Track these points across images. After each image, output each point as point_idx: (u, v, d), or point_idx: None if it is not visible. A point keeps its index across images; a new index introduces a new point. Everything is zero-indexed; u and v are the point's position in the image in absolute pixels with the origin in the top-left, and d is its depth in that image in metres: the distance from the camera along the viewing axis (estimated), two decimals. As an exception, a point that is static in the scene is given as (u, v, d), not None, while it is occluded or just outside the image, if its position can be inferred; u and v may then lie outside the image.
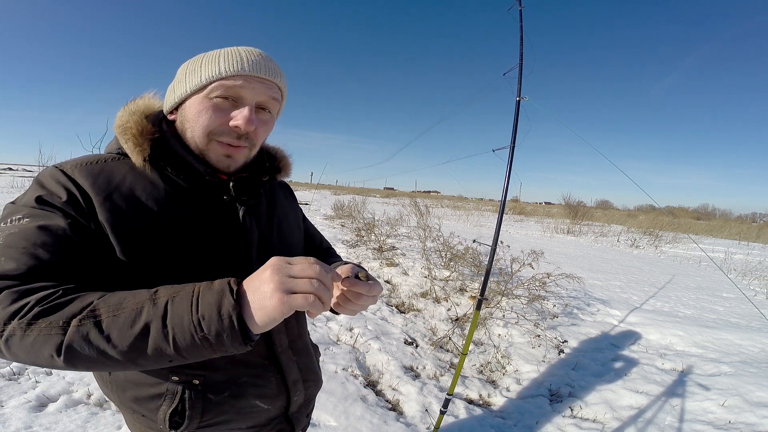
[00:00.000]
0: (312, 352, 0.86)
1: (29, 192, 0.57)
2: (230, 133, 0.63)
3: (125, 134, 0.62)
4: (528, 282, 3.66)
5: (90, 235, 0.54)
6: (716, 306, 4.78)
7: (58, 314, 0.44)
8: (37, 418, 1.71)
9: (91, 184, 0.57)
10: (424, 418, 2.03)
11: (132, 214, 0.58)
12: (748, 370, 2.68)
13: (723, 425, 2.08)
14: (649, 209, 25.37)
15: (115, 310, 0.45)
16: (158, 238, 0.58)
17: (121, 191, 0.59)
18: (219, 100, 0.61)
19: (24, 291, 0.45)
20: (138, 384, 0.64)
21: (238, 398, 0.66)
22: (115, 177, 0.60)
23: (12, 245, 0.49)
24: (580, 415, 2.21)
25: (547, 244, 9.76)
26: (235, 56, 0.61)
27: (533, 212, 24.61)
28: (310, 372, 0.82)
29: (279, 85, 0.66)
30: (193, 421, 0.63)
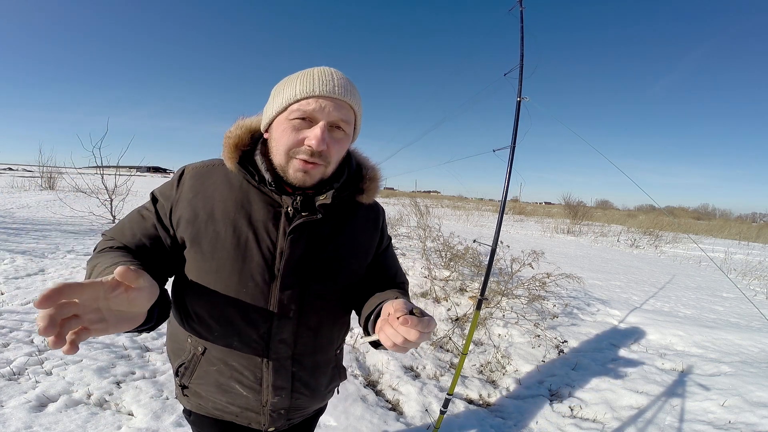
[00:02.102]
0: (323, 372, 0.86)
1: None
2: (306, 151, 0.68)
3: (224, 144, 0.75)
4: (528, 282, 3.66)
5: (165, 222, 0.75)
6: (716, 306, 4.78)
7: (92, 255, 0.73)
8: (37, 418, 1.71)
9: (191, 185, 0.76)
10: (424, 418, 2.03)
11: (197, 212, 0.73)
12: (748, 370, 2.68)
13: (723, 425, 2.08)
14: (649, 209, 25.38)
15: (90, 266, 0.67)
16: (213, 233, 0.72)
17: (206, 190, 0.75)
18: (297, 121, 0.68)
19: (106, 240, 0.76)
20: (174, 339, 0.84)
21: (222, 375, 0.78)
22: (210, 178, 0.77)
23: (124, 220, 0.79)
24: (580, 415, 2.21)
25: (547, 244, 9.76)
26: (309, 79, 0.68)
27: (533, 212, 24.61)
28: (306, 387, 0.82)
29: (351, 104, 0.70)
30: (185, 376, 0.81)
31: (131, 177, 8.93)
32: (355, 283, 0.84)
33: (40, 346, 2.32)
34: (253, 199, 0.74)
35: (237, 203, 0.74)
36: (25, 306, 2.89)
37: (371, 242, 0.86)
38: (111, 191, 7.03)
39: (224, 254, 0.72)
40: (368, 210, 0.86)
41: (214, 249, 0.72)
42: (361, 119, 0.76)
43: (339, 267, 0.79)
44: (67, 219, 6.87)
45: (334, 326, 0.84)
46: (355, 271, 0.83)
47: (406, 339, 0.56)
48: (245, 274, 0.72)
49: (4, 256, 4.09)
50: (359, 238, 0.83)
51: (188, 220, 0.73)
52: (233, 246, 0.72)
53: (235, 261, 0.72)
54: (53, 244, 4.87)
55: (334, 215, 0.79)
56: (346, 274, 0.81)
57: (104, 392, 1.95)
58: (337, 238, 0.78)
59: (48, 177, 13.96)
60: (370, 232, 0.86)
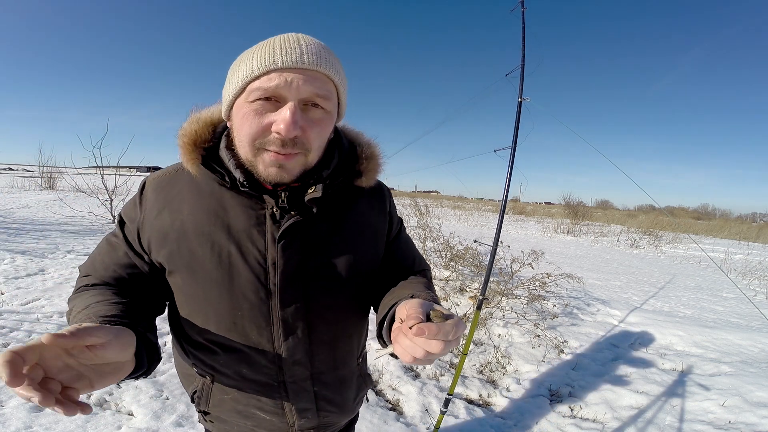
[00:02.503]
0: (348, 385, 0.77)
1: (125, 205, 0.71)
2: (275, 141, 0.54)
3: (179, 143, 0.62)
4: (528, 282, 3.66)
5: (136, 248, 0.66)
6: (716, 306, 4.78)
7: (71, 295, 0.64)
8: (37, 418, 1.71)
9: (155, 199, 0.65)
10: (424, 418, 2.03)
11: (171, 225, 0.62)
12: (748, 370, 2.68)
13: (723, 425, 2.08)
14: (649, 209, 25.38)
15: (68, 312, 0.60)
16: (189, 254, 0.61)
17: (172, 203, 0.64)
18: (258, 103, 0.54)
19: (81, 277, 0.68)
20: (180, 364, 0.77)
21: (239, 403, 0.71)
22: (174, 188, 0.65)
23: (95, 251, 0.70)
24: (580, 415, 2.21)
25: (547, 244, 9.76)
26: (269, 49, 0.53)
27: (533, 212, 24.61)
28: (332, 404, 0.74)
29: (327, 74, 0.55)
30: (201, 404, 0.73)
31: (131, 177, 8.92)
32: (369, 282, 0.72)
33: (40, 346, 2.32)
34: (228, 205, 0.62)
35: (210, 213, 0.61)
36: (25, 306, 2.89)
37: (380, 231, 0.73)
38: (111, 191, 7.03)
39: (206, 276, 0.61)
40: (371, 194, 0.73)
41: (193, 272, 0.61)
42: (345, 92, 0.61)
43: (347, 269, 0.66)
44: (67, 219, 6.87)
45: (352, 336, 0.74)
46: (366, 269, 0.70)
47: (427, 352, 0.45)
48: (236, 295, 0.61)
49: (4, 256, 4.09)
50: (365, 229, 0.70)
51: (158, 242, 0.62)
52: (215, 265, 0.60)
53: (221, 282, 0.61)
54: (53, 244, 4.87)
55: (332, 208, 0.66)
56: (356, 275, 0.68)
57: (104, 392, 1.95)
58: (339, 235, 0.66)
59: (48, 177, 13.96)
60: (378, 219, 0.73)
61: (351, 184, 0.69)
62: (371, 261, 0.71)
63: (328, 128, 0.59)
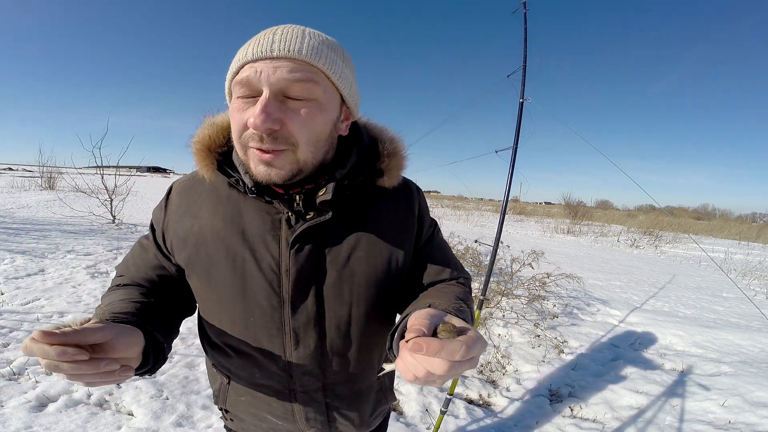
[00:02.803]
0: (364, 399, 0.72)
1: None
2: (253, 137, 0.51)
3: (192, 150, 0.62)
4: (528, 282, 3.66)
5: (163, 250, 0.67)
6: (716, 306, 4.78)
7: (102, 296, 0.66)
8: (37, 418, 1.71)
9: (178, 203, 0.66)
10: (424, 418, 2.03)
11: (187, 237, 0.63)
12: (748, 370, 2.68)
13: (723, 425, 2.08)
14: (649, 209, 25.38)
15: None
16: (206, 259, 0.62)
17: (192, 208, 0.64)
18: (241, 100, 0.52)
19: (116, 277, 0.70)
20: (207, 361, 0.78)
21: (252, 406, 0.71)
22: (195, 193, 0.66)
23: (128, 253, 0.72)
24: (580, 415, 2.21)
25: (547, 244, 9.76)
26: (248, 43, 0.52)
27: (533, 212, 24.61)
28: (344, 418, 0.71)
29: (307, 60, 0.50)
30: (219, 401, 0.76)
31: (131, 177, 8.93)
32: (395, 293, 0.66)
33: (40, 346, 2.32)
34: (245, 210, 0.61)
35: (227, 218, 0.61)
36: (25, 306, 2.89)
37: (407, 235, 0.66)
38: (111, 191, 7.03)
39: (221, 281, 0.61)
40: (396, 195, 0.67)
41: (210, 276, 0.61)
42: (347, 80, 0.56)
43: (366, 277, 0.62)
44: (67, 219, 6.87)
45: (372, 349, 0.67)
46: (388, 277, 0.64)
47: (429, 372, 0.39)
48: (249, 301, 0.60)
49: (4, 256, 4.09)
50: (388, 233, 0.64)
51: (178, 245, 0.63)
52: (229, 270, 0.60)
53: (234, 287, 0.60)
54: (53, 244, 4.87)
55: (350, 211, 0.62)
56: (376, 284, 0.63)
57: (104, 392, 1.95)
58: (358, 241, 0.62)
59: (48, 177, 13.96)
60: (403, 221, 0.66)
61: (373, 184, 0.64)
62: (395, 268, 0.65)
63: (315, 119, 0.53)
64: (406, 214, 0.67)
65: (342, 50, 0.57)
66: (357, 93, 0.60)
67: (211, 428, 1.78)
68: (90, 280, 3.61)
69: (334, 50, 0.54)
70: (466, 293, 0.66)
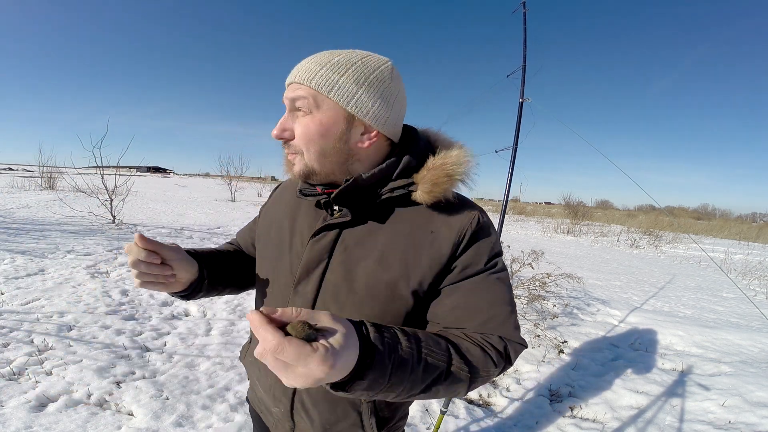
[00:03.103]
0: (330, 408, 0.68)
1: None
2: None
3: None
4: (528, 282, 3.66)
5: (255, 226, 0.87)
6: (716, 306, 4.78)
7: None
8: (37, 418, 1.71)
9: (276, 195, 0.84)
10: (424, 418, 2.03)
11: (267, 218, 0.81)
12: (748, 370, 2.68)
13: (723, 425, 2.08)
14: (649, 209, 25.38)
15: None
16: (266, 235, 0.78)
17: (282, 199, 0.80)
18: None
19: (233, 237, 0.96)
20: None
21: (254, 366, 0.80)
22: (288, 189, 0.80)
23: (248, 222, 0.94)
24: (580, 415, 2.21)
25: (547, 244, 9.76)
26: None
27: (533, 212, 24.62)
28: (306, 413, 0.70)
29: (299, 82, 0.59)
30: (241, 355, 0.89)
31: (131, 177, 8.92)
32: (395, 319, 0.62)
33: (40, 346, 2.32)
34: (303, 205, 0.73)
35: (290, 208, 0.75)
36: (25, 306, 2.89)
37: (428, 261, 0.60)
38: (111, 191, 7.03)
39: (266, 255, 0.76)
40: (436, 214, 0.62)
41: (263, 250, 0.77)
42: (349, 95, 0.59)
43: (365, 287, 0.61)
44: (67, 219, 6.87)
45: None
46: (389, 298, 0.61)
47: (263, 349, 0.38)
48: (274, 277, 0.72)
49: (4, 256, 4.09)
50: (407, 252, 0.60)
51: (261, 224, 0.82)
52: (274, 247, 0.73)
53: (271, 262, 0.73)
54: (53, 244, 4.87)
55: (375, 218, 0.63)
56: (373, 299, 0.61)
57: (104, 392, 1.95)
58: (371, 250, 0.61)
59: (48, 177, 13.96)
60: (431, 245, 0.60)
61: (409, 197, 0.63)
62: (399, 292, 0.60)
63: (309, 130, 0.60)
64: (443, 237, 0.61)
65: (354, 69, 0.59)
66: (380, 109, 0.61)
67: (211, 428, 1.78)
68: (90, 280, 3.61)
69: (337, 70, 0.58)
70: (481, 356, 0.56)
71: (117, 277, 3.85)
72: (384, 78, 0.61)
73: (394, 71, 0.63)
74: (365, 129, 0.61)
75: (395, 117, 0.63)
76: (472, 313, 0.60)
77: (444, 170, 0.61)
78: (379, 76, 0.60)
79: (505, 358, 0.59)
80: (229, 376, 2.22)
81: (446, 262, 0.60)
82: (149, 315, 2.99)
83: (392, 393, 0.48)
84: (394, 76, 0.62)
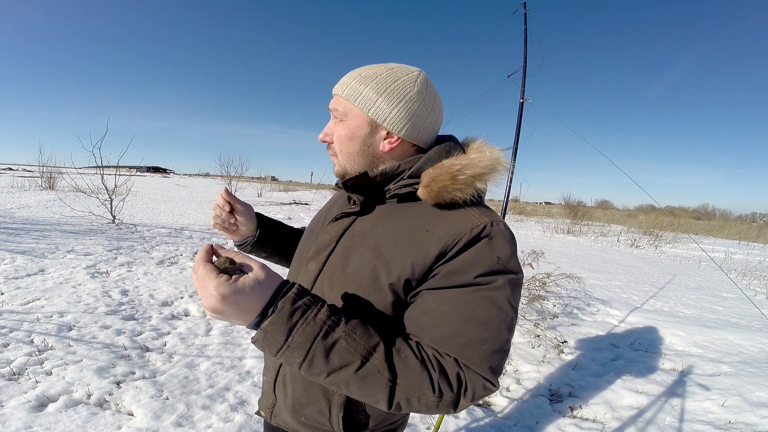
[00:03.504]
0: (306, 389, 0.69)
1: None
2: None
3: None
4: (528, 282, 3.66)
5: None
6: (716, 306, 4.78)
7: None
8: (37, 418, 1.71)
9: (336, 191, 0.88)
10: (424, 418, 2.03)
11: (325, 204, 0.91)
12: (748, 370, 2.68)
13: (723, 425, 2.08)
14: (649, 209, 25.37)
15: None
16: (311, 221, 0.88)
17: (335, 194, 0.89)
18: None
19: None
20: None
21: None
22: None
23: None
24: (580, 415, 2.21)
25: (547, 244, 9.76)
26: None
27: (533, 212, 24.61)
28: (283, 389, 0.73)
29: (337, 93, 0.70)
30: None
31: (131, 177, 8.92)
32: (375, 310, 0.61)
33: (40, 346, 2.32)
34: (340, 198, 0.82)
35: (333, 201, 0.86)
36: (25, 306, 2.89)
37: (414, 257, 0.58)
38: (111, 191, 7.03)
39: (306, 232, 0.87)
40: (436, 215, 0.61)
41: (305, 233, 0.87)
42: (371, 104, 0.64)
43: (353, 272, 0.63)
44: (67, 219, 6.87)
45: None
46: (369, 287, 0.61)
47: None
48: (300, 253, 0.81)
49: (4, 256, 4.09)
50: (397, 246, 0.60)
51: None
52: (309, 230, 0.84)
53: (303, 242, 0.84)
54: (53, 244, 4.87)
55: (381, 212, 0.69)
56: (357, 284, 0.62)
57: (104, 392, 1.95)
58: (368, 239, 0.65)
59: (48, 177, 13.96)
60: (422, 243, 0.58)
61: (414, 194, 0.64)
62: (377, 280, 0.60)
63: (341, 135, 0.69)
64: (432, 238, 0.58)
65: (377, 80, 0.65)
66: (400, 115, 0.64)
67: (211, 428, 1.78)
68: (90, 280, 3.61)
69: (363, 82, 0.66)
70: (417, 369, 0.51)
71: (117, 277, 3.85)
72: (406, 87, 0.65)
73: (419, 80, 0.66)
74: (387, 134, 0.67)
75: (420, 123, 0.66)
76: (437, 324, 0.54)
77: (447, 169, 0.61)
78: (401, 86, 0.65)
79: (455, 388, 0.51)
80: (229, 376, 2.22)
81: (431, 264, 0.57)
82: (149, 315, 2.99)
83: (294, 359, 0.49)
84: (419, 84, 0.65)
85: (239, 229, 0.86)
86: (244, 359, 2.41)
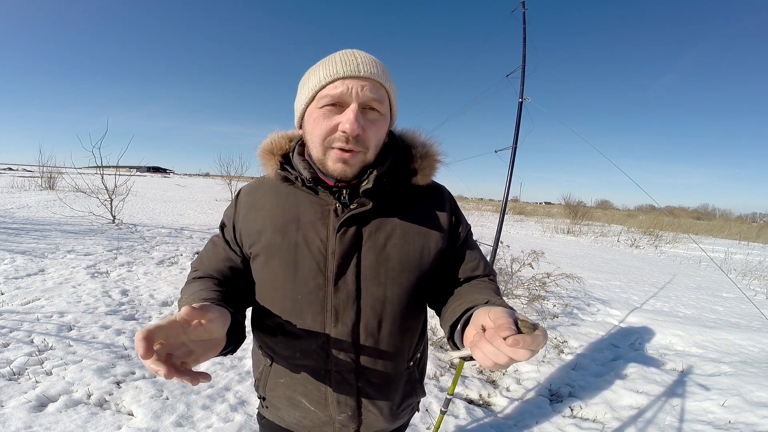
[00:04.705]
0: (393, 388, 0.77)
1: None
2: (341, 138, 0.63)
3: (257, 154, 0.76)
4: (528, 282, 3.66)
5: (232, 244, 0.78)
6: (716, 306, 4.78)
7: (181, 289, 0.76)
8: (37, 418, 1.71)
9: (245, 201, 0.78)
10: (424, 418, 2.03)
11: (253, 227, 0.74)
12: (748, 370, 2.68)
13: (723, 425, 2.08)
14: (649, 209, 25.37)
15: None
16: (267, 245, 0.72)
17: (257, 203, 0.76)
18: (327, 108, 0.64)
19: (192, 271, 0.81)
20: (254, 352, 0.85)
21: (288, 388, 0.77)
22: (260, 191, 0.77)
23: (202, 250, 0.83)
24: (580, 415, 2.21)
25: (547, 244, 9.76)
26: (332, 62, 0.64)
27: (533, 212, 24.62)
28: (374, 405, 0.75)
29: (380, 82, 0.64)
30: (260, 388, 0.82)
31: (131, 177, 8.93)
32: (425, 281, 0.74)
33: (40, 346, 2.32)
34: (300, 202, 0.72)
35: (285, 210, 0.73)
36: (25, 306, 2.89)
37: (437, 230, 0.74)
38: (111, 191, 7.03)
39: (277, 263, 0.71)
40: (429, 193, 0.77)
41: (268, 259, 0.72)
42: (396, 99, 0.70)
43: (398, 262, 0.70)
44: (67, 219, 6.87)
45: (403, 334, 0.74)
46: (418, 264, 0.72)
47: (511, 359, 0.47)
48: (299, 281, 0.70)
49: (4, 256, 4.09)
50: (421, 225, 0.73)
51: (246, 234, 0.75)
52: (285, 253, 0.70)
53: (288, 268, 0.70)
54: (53, 244, 4.87)
55: (387, 204, 0.71)
56: (408, 270, 0.71)
57: (104, 392, 1.95)
58: (393, 229, 0.71)
59: (48, 177, 13.97)
60: (435, 216, 0.75)
61: (408, 182, 0.74)
62: (426, 256, 0.73)
63: (382, 129, 0.67)
64: (439, 210, 0.76)
65: (389, 74, 0.69)
66: (395, 112, 0.73)
67: (211, 428, 1.78)
68: (90, 280, 3.61)
69: (388, 73, 0.68)
70: (498, 289, 0.75)
71: (117, 277, 3.85)
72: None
73: None
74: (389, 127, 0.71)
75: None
76: (475, 262, 0.77)
77: (434, 159, 0.75)
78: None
79: (497, 285, 0.77)
80: (229, 376, 2.22)
81: (451, 228, 0.76)
82: (149, 315, 2.99)
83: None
84: None
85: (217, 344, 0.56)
86: (244, 359, 2.41)
